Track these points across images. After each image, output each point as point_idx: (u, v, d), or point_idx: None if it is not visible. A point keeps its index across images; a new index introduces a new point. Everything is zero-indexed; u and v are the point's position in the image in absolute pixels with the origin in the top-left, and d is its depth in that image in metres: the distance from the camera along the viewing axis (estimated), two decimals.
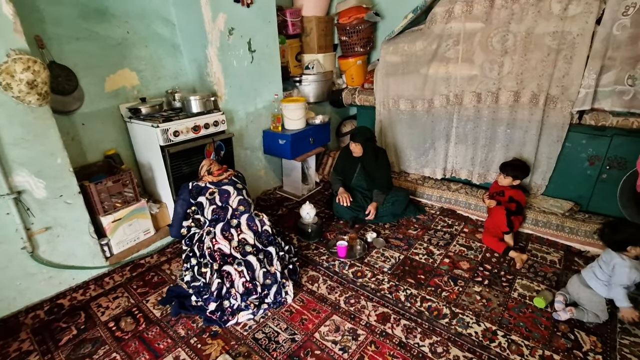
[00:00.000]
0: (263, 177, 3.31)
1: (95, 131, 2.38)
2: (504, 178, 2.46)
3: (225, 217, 1.96)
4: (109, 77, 2.42)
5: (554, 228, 2.42)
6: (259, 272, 1.92)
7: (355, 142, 2.67)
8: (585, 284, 1.73)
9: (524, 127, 2.53)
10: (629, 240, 1.61)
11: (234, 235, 1.94)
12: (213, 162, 2.13)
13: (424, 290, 2.01)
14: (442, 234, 2.57)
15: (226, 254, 1.91)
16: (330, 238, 2.58)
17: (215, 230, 1.93)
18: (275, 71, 3.10)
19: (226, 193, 2.00)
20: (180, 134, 2.38)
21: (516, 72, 2.43)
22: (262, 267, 1.93)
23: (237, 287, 1.88)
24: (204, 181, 2.05)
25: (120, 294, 2.09)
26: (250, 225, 1.98)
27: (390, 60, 3.00)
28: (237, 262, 1.91)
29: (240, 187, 2.08)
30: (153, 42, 2.61)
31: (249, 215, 1.99)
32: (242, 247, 1.92)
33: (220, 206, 1.97)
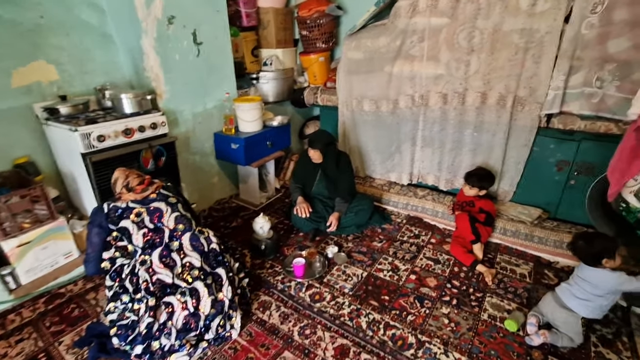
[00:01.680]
0: (217, 184, 2.99)
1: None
2: (469, 189, 2.31)
3: (163, 241, 1.63)
4: (17, 70, 2.01)
5: (522, 237, 2.30)
6: (206, 300, 1.62)
7: (313, 148, 2.42)
8: (561, 304, 1.59)
9: (492, 130, 2.39)
10: (604, 253, 1.49)
11: (176, 261, 1.62)
12: (130, 173, 1.71)
13: (388, 314, 1.80)
14: (408, 245, 2.39)
15: (168, 284, 1.60)
16: (288, 253, 2.32)
17: (152, 258, 1.60)
18: (227, 67, 2.79)
19: (157, 211, 1.66)
20: (107, 139, 2.02)
21: (483, 72, 2.28)
22: (210, 293, 1.63)
23: (176, 321, 1.58)
24: (123, 200, 1.67)
25: (27, 335, 1.72)
26: (195, 245, 1.67)
27: (353, 57, 2.78)
28: (181, 292, 1.60)
29: (173, 202, 1.74)
30: (76, 29, 2.22)
31: (191, 233, 1.68)
32: (188, 272, 1.61)
33: (153, 228, 1.64)
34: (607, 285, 1.49)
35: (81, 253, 2.10)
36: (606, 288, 1.49)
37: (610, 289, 1.49)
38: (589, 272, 1.51)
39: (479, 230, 2.21)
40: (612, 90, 1.94)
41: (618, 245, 1.50)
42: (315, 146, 2.41)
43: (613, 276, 1.46)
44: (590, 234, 1.54)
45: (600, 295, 1.51)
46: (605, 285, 1.49)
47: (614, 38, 1.88)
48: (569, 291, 1.57)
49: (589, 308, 1.52)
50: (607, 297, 1.51)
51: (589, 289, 1.51)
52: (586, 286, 1.52)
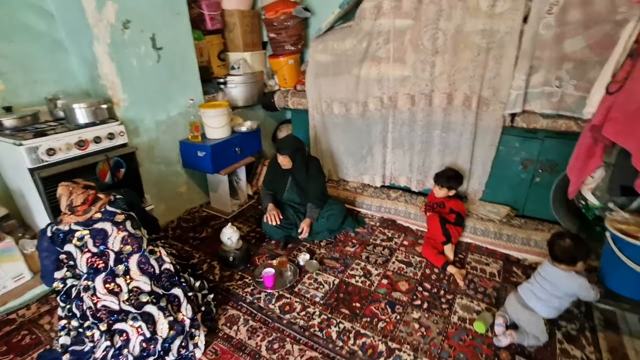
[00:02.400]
0: (185, 193, 2.88)
1: None
2: (439, 189, 2.31)
3: (108, 265, 1.53)
4: None
5: (492, 236, 2.32)
6: (163, 323, 1.54)
7: (282, 154, 2.36)
8: (523, 304, 1.60)
9: (459, 130, 2.40)
10: (584, 256, 1.49)
11: (122, 286, 1.52)
12: (75, 189, 1.56)
13: (359, 322, 1.77)
14: (381, 249, 2.37)
15: (115, 310, 1.50)
16: (259, 263, 2.25)
17: (95, 285, 1.49)
18: (191, 72, 2.69)
19: (102, 233, 1.54)
20: (59, 152, 1.91)
21: (448, 73, 2.29)
22: (167, 316, 1.55)
23: (132, 348, 1.49)
24: (65, 223, 1.55)
25: None
26: (144, 269, 1.58)
27: (320, 59, 2.74)
28: (133, 317, 1.51)
29: (121, 220, 1.60)
30: (21, 36, 2.09)
31: (140, 254, 1.58)
32: (136, 297, 1.52)
33: (97, 252, 1.52)
34: (568, 288, 1.50)
35: (34, 274, 1.97)
36: (566, 290, 1.51)
37: (569, 291, 1.51)
38: (554, 271, 1.52)
39: (450, 231, 2.21)
40: (570, 89, 1.98)
41: (591, 251, 1.52)
42: (284, 152, 2.35)
43: (578, 281, 1.47)
44: (576, 235, 1.53)
45: (559, 296, 1.52)
46: (566, 287, 1.50)
47: (569, 38, 1.91)
48: (530, 291, 1.58)
49: (548, 308, 1.54)
50: (564, 298, 1.53)
51: (549, 289, 1.52)
52: (547, 285, 1.53)
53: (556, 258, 1.50)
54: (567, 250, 1.48)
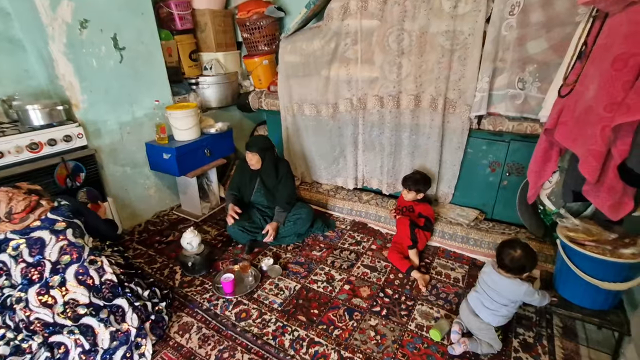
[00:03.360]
0: (154, 196, 2.83)
1: None
2: (407, 192, 2.28)
3: (43, 276, 1.46)
4: None
5: (459, 240, 2.29)
6: (104, 334, 1.49)
7: (251, 151, 2.32)
8: (473, 312, 1.56)
9: (426, 133, 2.37)
10: (531, 265, 1.45)
11: (57, 298, 1.46)
12: (15, 195, 1.49)
13: (314, 330, 1.73)
14: (347, 253, 2.33)
15: (50, 323, 1.45)
16: (222, 268, 2.21)
17: (28, 297, 1.43)
18: (157, 72, 2.64)
19: (39, 242, 1.48)
20: (7, 155, 1.86)
21: (414, 74, 2.25)
22: (108, 326, 1.50)
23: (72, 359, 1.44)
24: (1, 231, 1.48)
25: None
26: (82, 280, 1.52)
27: (289, 60, 2.70)
28: (69, 331, 1.46)
29: (61, 228, 1.53)
30: None
31: (79, 264, 1.53)
32: (73, 310, 1.47)
33: (32, 263, 1.46)
34: (514, 295, 1.47)
35: None
36: (512, 297, 1.48)
37: (514, 298, 1.48)
38: (499, 280, 1.48)
39: (417, 236, 2.18)
40: (534, 91, 1.94)
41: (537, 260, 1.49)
42: (253, 149, 2.31)
43: (522, 287, 1.44)
44: (525, 244, 1.49)
45: (505, 304, 1.49)
46: (511, 295, 1.47)
47: (532, 40, 1.88)
48: (479, 300, 1.55)
49: (497, 317, 1.50)
50: (511, 305, 1.49)
51: (496, 298, 1.49)
52: (494, 295, 1.50)
53: (504, 267, 1.47)
54: (518, 260, 1.43)
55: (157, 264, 2.27)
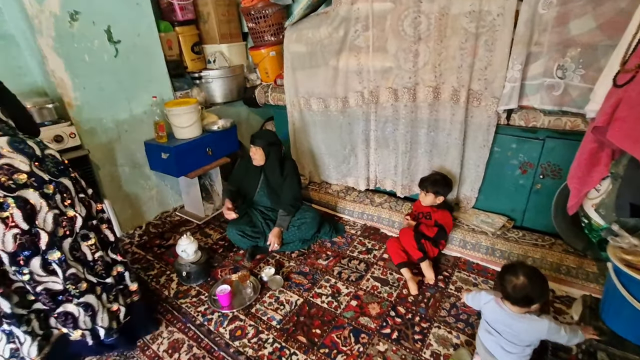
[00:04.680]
0: (156, 197, 2.71)
1: None
2: (425, 195, 2.03)
3: None
4: None
5: (483, 251, 2.03)
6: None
7: (255, 145, 2.14)
8: (491, 354, 1.31)
9: (447, 129, 2.10)
10: (540, 295, 1.18)
11: None
12: None
13: (315, 355, 1.54)
14: (356, 263, 2.12)
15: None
16: (220, 277, 2.06)
17: None
18: (156, 66, 2.50)
19: None
20: None
21: (433, 63, 1.99)
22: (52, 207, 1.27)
23: None
24: None
25: None
26: (19, 148, 1.26)
27: (295, 50, 2.48)
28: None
29: None
30: None
31: (11, 137, 1.27)
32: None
33: None
34: (534, 335, 1.21)
35: None
36: (532, 338, 1.22)
37: (536, 337, 1.22)
38: (510, 319, 1.22)
39: (426, 247, 1.94)
40: (576, 80, 1.64)
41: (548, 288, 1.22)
42: (257, 143, 2.14)
43: (542, 324, 1.18)
44: (532, 268, 1.24)
45: (528, 345, 1.24)
46: (531, 335, 1.22)
47: (575, 18, 1.57)
48: (497, 344, 1.28)
49: (524, 359, 1.25)
50: (535, 342, 1.24)
51: (516, 341, 1.23)
52: (511, 336, 1.23)
53: (507, 297, 1.21)
54: (521, 290, 1.17)
55: (154, 270, 2.15)
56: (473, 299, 1.35)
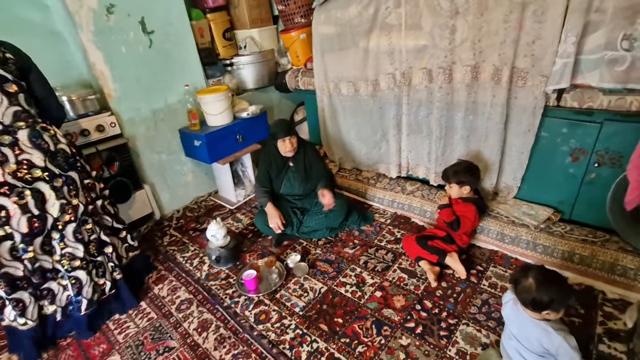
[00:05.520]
0: (191, 182, 2.83)
1: None
2: (449, 187, 1.89)
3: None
4: None
5: (524, 245, 1.87)
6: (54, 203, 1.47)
7: (290, 135, 2.12)
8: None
9: (486, 112, 1.92)
10: (552, 302, 1.06)
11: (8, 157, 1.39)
12: None
13: (336, 344, 1.54)
14: (384, 253, 2.06)
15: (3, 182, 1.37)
16: (248, 261, 2.12)
17: None
18: (189, 55, 2.55)
19: None
20: None
21: (472, 40, 1.80)
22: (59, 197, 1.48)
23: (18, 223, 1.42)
24: None
25: None
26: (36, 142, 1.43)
27: (324, 32, 2.39)
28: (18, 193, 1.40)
29: (13, 91, 1.40)
30: (20, 30, 2.08)
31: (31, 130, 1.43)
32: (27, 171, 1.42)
33: None
34: (545, 347, 1.09)
35: None
36: (542, 349, 1.10)
37: (545, 351, 1.09)
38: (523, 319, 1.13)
39: (439, 246, 1.85)
40: None
41: (572, 298, 1.09)
42: (290, 133, 2.13)
43: (552, 337, 1.06)
44: (550, 271, 1.11)
45: (542, 355, 1.11)
46: (541, 346, 1.09)
47: None
48: (516, 350, 1.17)
49: None
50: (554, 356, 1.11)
51: (532, 347, 1.12)
52: (526, 342, 1.13)
53: (522, 302, 1.12)
54: (527, 292, 1.07)
55: (188, 252, 2.27)
56: (503, 298, 1.26)
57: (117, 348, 1.64)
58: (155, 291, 1.96)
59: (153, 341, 1.66)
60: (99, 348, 1.65)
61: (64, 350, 1.66)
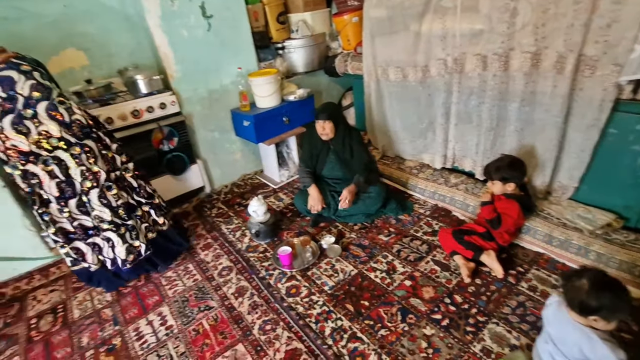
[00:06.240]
0: (240, 160, 3.01)
1: None
2: (491, 184, 1.79)
3: (15, 108, 1.54)
4: (51, 59, 2.26)
5: (574, 250, 1.72)
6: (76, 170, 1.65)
7: (324, 119, 2.16)
8: None
9: (545, 104, 1.76)
10: (603, 308, 0.97)
11: (31, 129, 1.57)
12: None
13: (359, 324, 1.59)
14: (419, 243, 2.04)
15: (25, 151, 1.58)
16: (285, 238, 2.23)
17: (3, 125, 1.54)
18: (243, 38, 2.67)
19: (8, 80, 1.53)
20: (116, 121, 2.18)
21: (535, 23, 1.65)
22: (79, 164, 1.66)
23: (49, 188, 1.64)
24: None
25: (59, 287, 2.08)
26: (52, 115, 1.60)
27: (375, 15, 2.34)
28: (43, 160, 1.61)
29: (27, 69, 1.58)
30: (99, 15, 2.37)
31: (49, 102, 1.60)
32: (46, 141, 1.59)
33: (6, 97, 1.54)
34: (583, 354, 1.01)
35: None
36: (580, 356, 1.01)
37: (585, 355, 1.01)
38: (565, 323, 1.05)
39: (476, 242, 1.78)
40: None
41: (626, 311, 0.98)
42: (326, 117, 2.15)
43: (595, 345, 0.97)
44: (606, 277, 1.01)
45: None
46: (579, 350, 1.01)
47: None
48: (550, 355, 1.10)
49: None
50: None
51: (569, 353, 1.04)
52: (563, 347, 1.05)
53: (566, 300, 1.05)
54: (577, 291, 1.00)
55: (232, 224, 2.45)
56: (548, 300, 1.20)
57: (167, 301, 1.87)
58: (202, 256, 2.17)
59: (196, 299, 1.85)
60: (152, 299, 1.89)
61: (125, 297, 1.93)
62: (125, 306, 1.87)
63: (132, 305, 1.87)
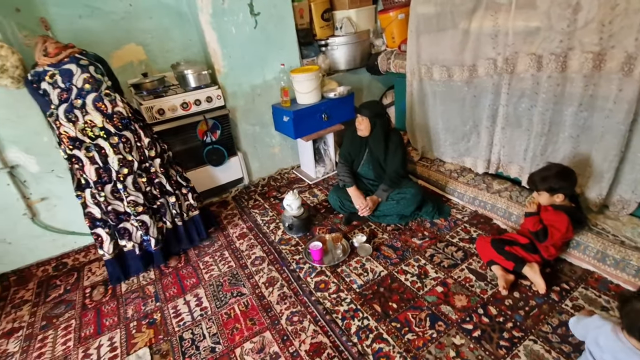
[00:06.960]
0: (278, 154, 3.09)
1: None
2: (537, 195, 1.66)
3: (69, 98, 1.74)
4: (114, 53, 2.47)
5: (630, 272, 1.57)
6: (113, 158, 1.84)
7: (361, 115, 2.17)
8: None
9: (607, 109, 1.61)
10: None
11: (78, 117, 1.76)
12: (48, 40, 1.79)
13: (386, 325, 1.57)
14: (454, 249, 1.97)
15: (72, 137, 1.77)
16: (317, 234, 2.26)
17: (58, 112, 1.74)
18: (288, 36, 2.72)
19: (68, 73, 1.74)
20: (167, 112, 2.32)
21: (600, 20, 1.51)
22: (116, 153, 1.84)
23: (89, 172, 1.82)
24: (41, 65, 1.75)
25: None
26: (97, 106, 1.78)
27: (422, 12, 2.27)
28: (86, 147, 1.81)
29: (85, 64, 1.78)
30: (157, 12, 2.54)
31: (97, 94, 1.79)
32: (91, 129, 1.78)
33: (65, 88, 1.74)
34: None
35: None
36: None
37: None
38: (620, 350, 0.95)
39: (517, 252, 1.67)
40: None
41: None
42: (364, 113, 2.16)
43: None
44: None
45: None
46: None
47: None
48: None
49: None
50: None
51: None
52: None
53: (628, 327, 0.95)
54: (638, 316, 0.91)
55: (267, 216, 2.53)
56: (578, 323, 1.11)
57: (203, 284, 1.98)
58: (237, 245, 2.27)
59: (230, 285, 1.94)
60: (190, 280, 2.02)
61: (167, 277, 2.08)
62: (167, 285, 2.01)
63: (173, 285, 2.00)
